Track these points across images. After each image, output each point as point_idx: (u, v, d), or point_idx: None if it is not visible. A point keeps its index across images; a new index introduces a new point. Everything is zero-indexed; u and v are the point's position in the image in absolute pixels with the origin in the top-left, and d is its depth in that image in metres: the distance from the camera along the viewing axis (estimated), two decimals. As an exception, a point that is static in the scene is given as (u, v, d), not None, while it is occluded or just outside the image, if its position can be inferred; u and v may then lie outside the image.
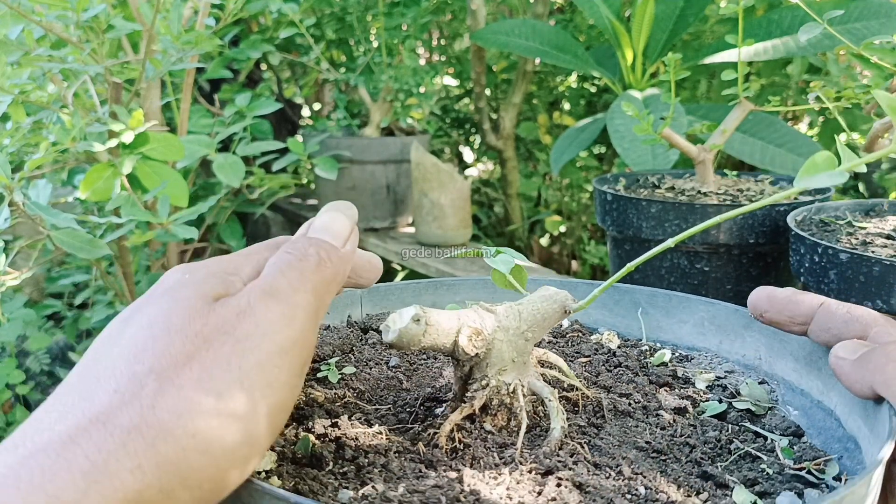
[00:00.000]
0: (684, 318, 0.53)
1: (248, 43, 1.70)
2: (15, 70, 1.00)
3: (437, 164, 1.42)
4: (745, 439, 0.40)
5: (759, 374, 0.48)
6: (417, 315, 0.38)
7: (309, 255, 0.36)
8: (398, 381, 0.49)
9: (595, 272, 1.83)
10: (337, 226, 0.39)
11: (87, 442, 0.28)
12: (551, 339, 0.56)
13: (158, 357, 0.30)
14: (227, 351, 0.31)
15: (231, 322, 0.32)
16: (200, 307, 0.32)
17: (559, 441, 0.39)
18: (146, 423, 0.29)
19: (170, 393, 0.29)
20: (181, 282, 0.34)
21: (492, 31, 1.49)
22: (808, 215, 0.82)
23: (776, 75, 1.47)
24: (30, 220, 0.86)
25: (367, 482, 0.36)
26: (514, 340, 0.41)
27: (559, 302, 0.41)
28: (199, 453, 0.29)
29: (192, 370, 0.30)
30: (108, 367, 0.31)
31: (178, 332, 0.31)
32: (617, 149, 1.10)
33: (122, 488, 0.28)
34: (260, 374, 0.31)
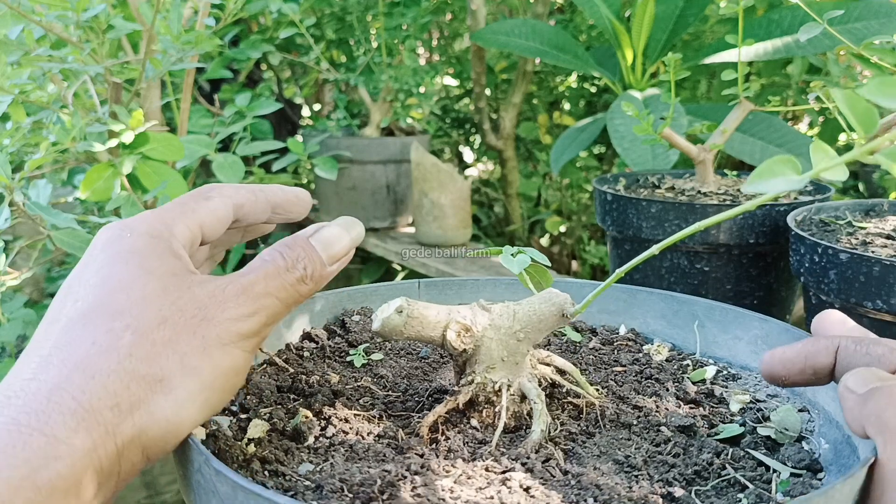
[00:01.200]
0: (739, 334, 0.52)
1: (248, 43, 1.70)
2: (15, 70, 1.00)
3: (437, 164, 1.42)
4: (743, 467, 0.38)
5: (802, 400, 0.46)
6: (401, 307, 0.40)
7: (296, 269, 0.40)
8: (422, 372, 0.50)
9: (595, 272, 1.83)
10: (337, 247, 0.42)
11: (71, 386, 0.33)
12: (598, 345, 0.55)
13: (135, 317, 0.35)
14: (195, 323, 0.36)
15: (203, 302, 0.37)
16: (177, 282, 0.37)
17: (536, 444, 0.39)
18: (123, 368, 0.34)
19: (144, 346, 0.35)
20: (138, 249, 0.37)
21: (492, 31, 1.49)
22: (808, 215, 0.82)
23: (776, 75, 1.47)
24: (30, 220, 0.86)
25: (329, 459, 0.38)
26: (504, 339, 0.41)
27: (557, 305, 0.41)
28: (164, 396, 0.35)
29: (165, 331, 0.35)
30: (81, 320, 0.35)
31: (154, 298, 0.36)
32: (617, 149, 1.10)
33: (104, 424, 0.33)
34: (220, 348, 0.36)
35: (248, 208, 0.44)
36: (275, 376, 0.48)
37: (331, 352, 0.53)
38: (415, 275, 1.60)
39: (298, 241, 0.41)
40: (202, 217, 0.41)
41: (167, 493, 1.30)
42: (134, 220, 0.39)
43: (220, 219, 0.42)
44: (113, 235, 0.38)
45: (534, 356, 0.44)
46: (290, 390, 0.47)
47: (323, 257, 0.41)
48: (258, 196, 0.44)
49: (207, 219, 0.42)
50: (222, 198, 0.43)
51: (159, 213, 0.40)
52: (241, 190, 0.44)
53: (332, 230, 0.42)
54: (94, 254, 0.38)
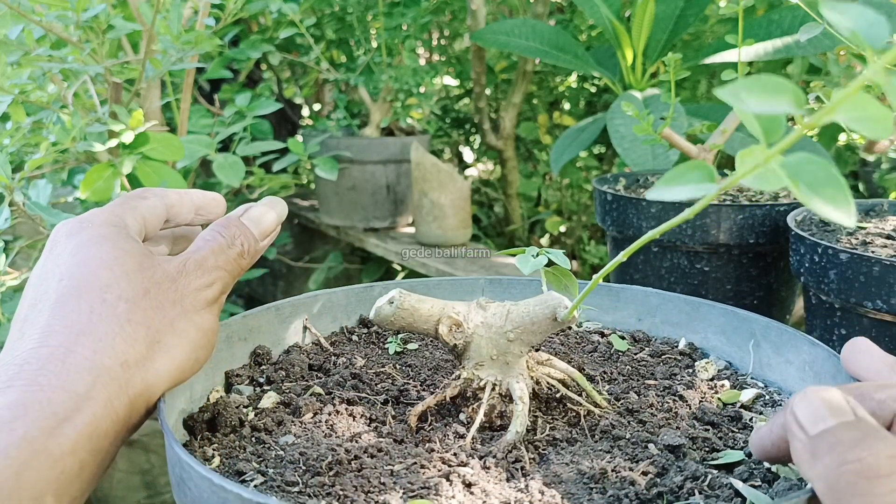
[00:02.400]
0: (791, 358, 0.50)
1: (248, 43, 1.70)
2: (15, 70, 1.00)
3: (437, 164, 1.42)
4: (715, 495, 0.36)
5: None
6: (393, 298, 0.42)
7: (235, 245, 0.45)
8: (451, 365, 0.52)
9: (595, 272, 1.83)
10: (266, 223, 0.48)
11: (82, 348, 0.38)
12: (645, 357, 0.54)
13: (124, 289, 0.40)
14: (172, 294, 0.42)
15: (173, 275, 0.42)
16: (149, 260, 0.42)
17: (510, 444, 0.40)
18: (125, 331, 0.39)
19: (137, 312, 0.40)
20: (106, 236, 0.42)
21: (492, 31, 1.49)
22: (808, 215, 0.82)
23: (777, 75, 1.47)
24: (30, 220, 0.86)
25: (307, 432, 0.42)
26: (494, 338, 0.41)
27: (551, 307, 0.41)
28: (162, 353, 0.40)
29: (150, 300, 0.41)
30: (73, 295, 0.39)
31: (134, 273, 0.41)
32: (617, 149, 1.10)
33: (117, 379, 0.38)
34: (194, 312, 0.43)
35: (177, 208, 0.49)
36: (313, 356, 0.52)
37: (376, 337, 0.57)
38: (415, 275, 1.60)
39: (231, 220, 0.46)
40: (144, 212, 0.46)
41: (167, 493, 1.30)
42: (87, 215, 0.44)
43: (157, 215, 0.48)
44: (73, 228, 0.43)
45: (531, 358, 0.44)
46: (319, 369, 0.51)
47: (255, 233, 0.46)
48: (183, 197, 0.50)
49: (148, 214, 0.47)
50: (156, 197, 0.48)
51: (109, 209, 0.45)
52: (169, 192, 0.50)
53: (258, 209, 0.48)
54: (60, 243, 0.42)
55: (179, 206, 0.50)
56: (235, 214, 0.47)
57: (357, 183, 1.60)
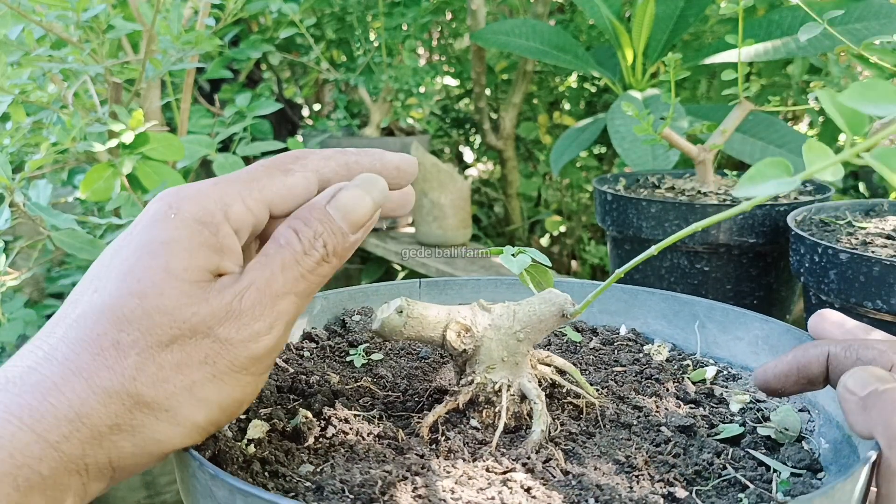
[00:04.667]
0: (740, 335, 0.52)
1: (248, 43, 1.70)
2: (15, 70, 1.00)
3: (437, 164, 1.42)
4: (743, 466, 0.38)
5: (803, 400, 0.46)
6: (401, 307, 0.39)
7: (315, 251, 0.35)
8: (422, 373, 0.50)
9: (595, 272, 1.83)
10: (360, 212, 0.36)
11: (70, 392, 0.31)
12: (598, 345, 0.55)
13: (144, 334, 0.32)
14: (206, 346, 0.33)
15: (218, 319, 0.33)
16: (194, 293, 0.33)
17: (537, 444, 0.39)
18: (126, 391, 0.32)
19: (150, 370, 0.32)
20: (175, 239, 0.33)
21: (492, 31, 1.49)
22: (808, 215, 0.82)
23: (777, 76, 1.47)
24: (30, 220, 0.86)
25: (329, 460, 0.38)
26: (504, 340, 0.41)
27: (557, 305, 0.41)
28: (170, 425, 0.33)
29: (173, 354, 0.32)
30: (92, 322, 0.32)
31: (167, 314, 0.32)
32: (617, 149, 1.10)
33: (99, 437, 0.31)
34: (231, 376, 0.34)
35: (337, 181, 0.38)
36: (274, 376, 0.48)
37: (331, 352, 0.53)
38: (415, 275, 1.60)
39: (314, 211, 0.36)
40: (272, 194, 0.36)
41: (167, 493, 1.30)
42: (189, 191, 0.35)
43: (297, 196, 0.37)
44: (159, 212, 0.34)
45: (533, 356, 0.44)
46: (290, 390, 0.47)
47: (343, 227, 0.36)
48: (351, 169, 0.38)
49: (279, 196, 0.36)
50: (305, 172, 0.37)
51: (221, 188, 0.35)
52: (331, 162, 0.38)
53: (350, 193, 0.36)
54: (135, 231, 0.34)
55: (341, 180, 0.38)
56: (321, 201, 0.36)
57: (357, 183, 1.60)
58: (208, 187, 0.35)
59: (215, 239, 0.34)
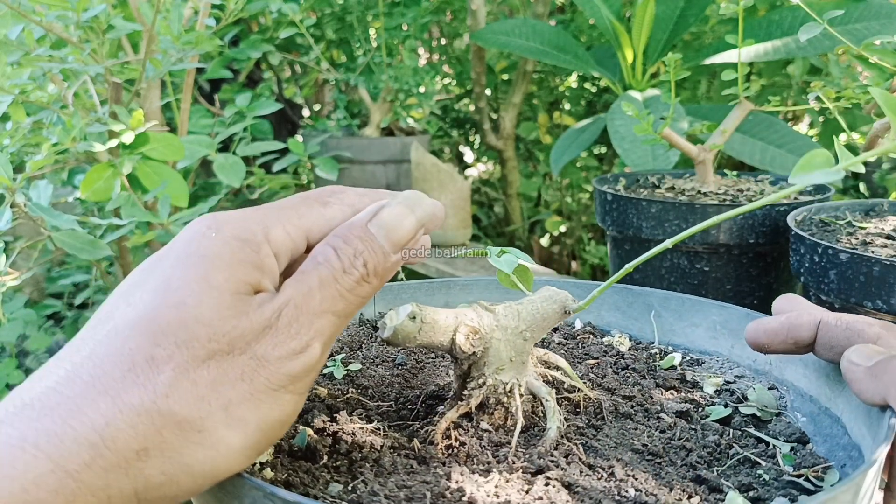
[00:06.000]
0: (697, 321, 0.53)
1: (248, 43, 1.70)
2: (15, 70, 1.00)
3: (437, 164, 1.42)
4: (745, 444, 0.40)
5: (769, 379, 0.48)
6: (413, 312, 0.38)
7: (354, 269, 0.34)
8: (403, 380, 0.49)
9: (595, 272, 1.83)
10: (401, 231, 0.36)
11: (95, 413, 0.29)
12: (562, 340, 0.55)
13: (180, 347, 0.30)
14: (243, 362, 0.31)
15: (256, 334, 0.32)
16: (234, 305, 0.32)
17: (555, 441, 0.39)
18: (157, 409, 0.29)
19: (184, 387, 0.30)
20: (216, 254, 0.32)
21: (492, 31, 1.49)
22: (808, 215, 0.82)
23: (777, 76, 1.47)
24: (31, 220, 0.86)
25: (357, 476, 0.36)
26: (512, 340, 0.41)
27: (559, 302, 0.41)
28: (203, 448, 0.30)
29: (210, 371, 0.31)
30: (124, 337, 0.30)
31: (205, 326, 0.31)
32: (617, 149, 1.10)
33: (125, 465, 0.29)
34: (269, 395, 0.32)
35: None
36: None
37: None
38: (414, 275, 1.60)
39: (355, 230, 0.35)
40: (310, 223, 0.36)
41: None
42: (229, 215, 0.34)
43: (333, 226, 0.36)
44: (198, 231, 0.33)
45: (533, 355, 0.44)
46: None
47: (385, 246, 0.35)
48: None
49: (317, 226, 0.36)
50: (342, 206, 0.37)
51: (261, 213, 0.35)
52: (365, 198, 0.38)
53: (393, 211, 0.36)
54: (172, 248, 0.33)
55: None
56: (361, 219, 0.36)
57: (357, 183, 1.60)
58: (248, 212, 0.35)
59: (256, 256, 0.33)
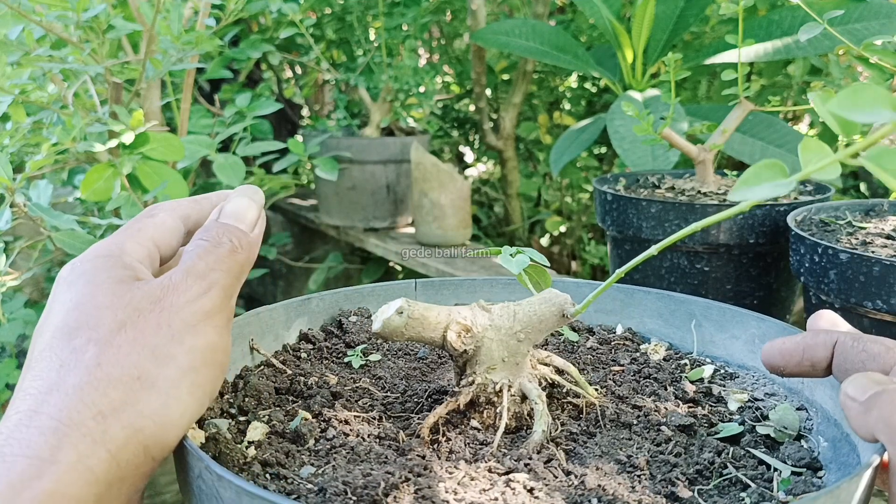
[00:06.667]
0: (736, 333, 0.52)
1: (248, 43, 1.70)
2: (15, 70, 1.00)
3: (437, 164, 1.42)
4: (743, 465, 0.39)
5: (800, 398, 0.46)
6: (401, 308, 0.39)
7: (223, 243, 0.40)
8: (420, 373, 0.50)
9: (595, 272, 1.83)
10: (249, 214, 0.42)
11: (48, 407, 0.33)
12: (595, 345, 0.55)
13: (93, 329, 0.35)
14: (155, 317, 0.36)
15: (157, 295, 0.37)
16: (124, 287, 0.37)
17: (538, 444, 0.39)
18: (94, 377, 0.34)
19: (109, 352, 0.35)
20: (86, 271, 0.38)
21: (492, 31, 1.49)
22: (808, 215, 0.82)
23: (777, 76, 1.47)
24: (31, 221, 0.86)
25: (330, 461, 0.38)
26: (505, 340, 0.41)
27: (557, 305, 0.41)
28: (148, 392, 0.34)
29: (127, 333, 0.35)
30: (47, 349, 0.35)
31: (107, 307, 0.36)
32: (617, 150, 1.10)
33: (90, 434, 0.33)
34: (188, 331, 0.36)
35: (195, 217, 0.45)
36: (273, 378, 0.48)
37: (328, 353, 0.53)
38: (415, 275, 1.60)
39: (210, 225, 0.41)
40: (151, 232, 0.42)
41: (167, 493, 1.30)
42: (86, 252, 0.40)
43: (170, 229, 0.43)
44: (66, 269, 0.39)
45: (533, 356, 0.44)
46: (289, 392, 0.47)
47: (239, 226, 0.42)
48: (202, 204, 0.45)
49: (157, 232, 0.42)
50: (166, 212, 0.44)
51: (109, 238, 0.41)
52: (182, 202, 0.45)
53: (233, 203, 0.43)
54: (55, 292, 0.39)
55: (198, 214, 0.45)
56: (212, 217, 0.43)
57: (357, 183, 1.60)
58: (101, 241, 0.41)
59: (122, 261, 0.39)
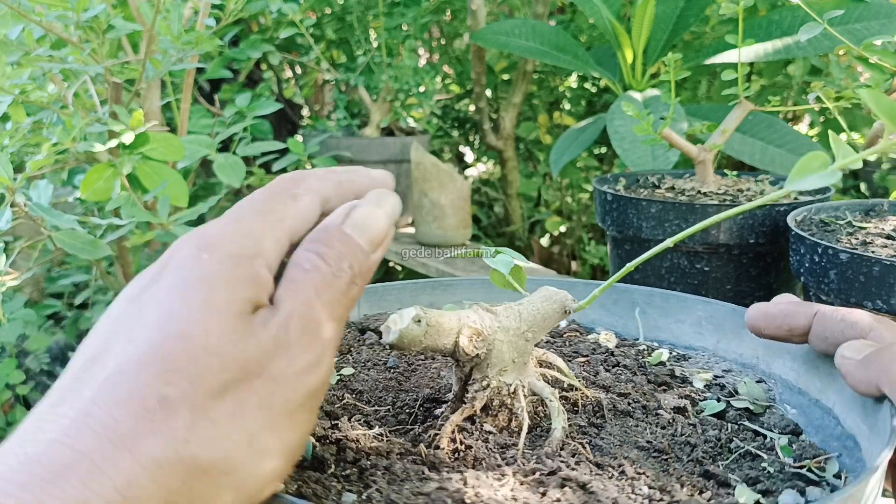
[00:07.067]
0: (682, 317, 0.54)
1: (248, 43, 1.70)
2: (15, 70, 1.00)
3: (437, 164, 1.42)
4: (744, 438, 0.40)
5: (756, 372, 0.48)
6: (418, 316, 0.38)
7: (342, 271, 0.32)
8: (397, 383, 0.49)
9: (595, 272, 1.83)
10: (375, 229, 0.34)
11: (114, 471, 0.26)
12: (549, 338, 0.56)
13: (193, 382, 0.28)
14: (259, 387, 0.29)
15: (268, 353, 0.30)
16: (240, 327, 0.30)
17: (560, 441, 0.39)
18: (179, 458, 0.27)
19: (203, 426, 0.28)
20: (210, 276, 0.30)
21: (492, 31, 1.49)
22: (808, 215, 0.82)
23: (777, 76, 1.47)
24: (31, 220, 0.86)
25: (370, 485, 0.35)
26: (514, 341, 0.41)
27: (559, 302, 0.41)
28: (231, 490, 0.29)
29: (226, 403, 0.29)
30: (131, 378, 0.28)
31: (216, 355, 0.29)
32: (617, 150, 1.10)
33: None
34: (288, 417, 0.30)
35: (332, 203, 0.36)
36: None
37: None
38: (414, 275, 1.60)
39: (332, 233, 0.33)
40: (291, 225, 0.34)
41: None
42: (216, 232, 0.32)
43: (308, 221, 0.35)
44: (189, 254, 0.31)
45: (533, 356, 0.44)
46: None
47: (363, 245, 0.34)
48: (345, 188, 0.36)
49: (296, 225, 0.34)
50: (311, 194, 0.35)
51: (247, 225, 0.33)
52: (327, 182, 0.36)
53: (364, 210, 0.34)
54: (163, 276, 0.31)
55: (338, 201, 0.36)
56: (335, 221, 0.34)
57: (357, 183, 1.60)
58: (232, 225, 0.32)
59: (252, 271, 0.31)
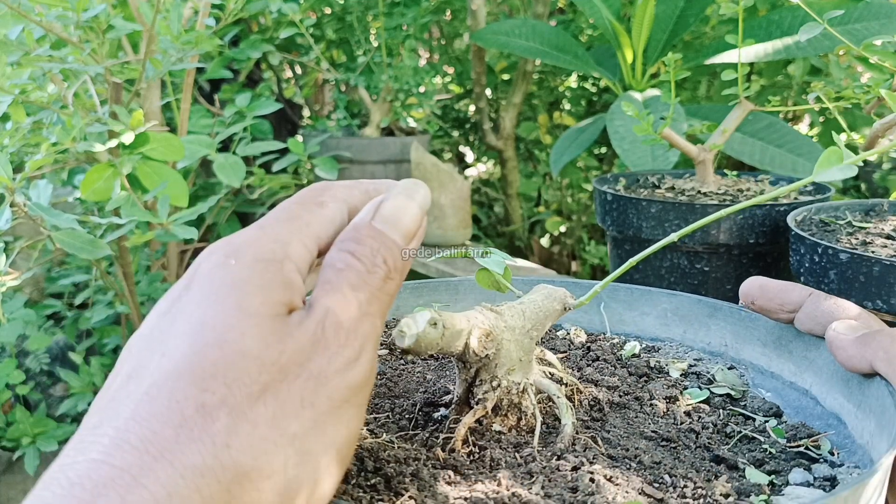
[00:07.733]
0: (647, 310, 0.55)
1: (248, 43, 1.70)
2: (15, 70, 1.00)
3: (437, 164, 1.42)
4: (737, 422, 0.41)
5: (726, 360, 0.49)
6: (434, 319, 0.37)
7: (377, 266, 0.32)
8: (387, 389, 0.48)
9: (595, 272, 1.83)
10: (407, 220, 0.34)
11: (153, 482, 0.25)
12: None
13: (231, 387, 0.27)
14: (300, 386, 0.29)
15: (306, 352, 0.29)
16: (276, 328, 0.29)
17: (571, 437, 0.39)
18: (221, 464, 0.26)
19: (244, 430, 0.27)
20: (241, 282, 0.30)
21: (492, 31, 1.49)
22: (808, 215, 0.82)
23: (777, 76, 1.47)
24: (31, 220, 0.86)
25: (401, 493, 0.35)
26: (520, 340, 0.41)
27: (559, 299, 0.42)
28: (275, 494, 0.28)
29: (267, 405, 0.28)
30: (168, 390, 0.27)
31: (253, 358, 0.28)
32: (617, 150, 1.10)
33: None
34: (333, 414, 0.29)
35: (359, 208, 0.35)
36: None
37: None
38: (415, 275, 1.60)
39: (363, 230, 0.33)
40: (317, 230, 0.33)
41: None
42: (243, 239, 0.32)
43: (337, 228, 0.34)
44: (216, 262, 0.31)
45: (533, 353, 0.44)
46: None
47: (396, 239, 0.33)
48: (371, 197, 0.36)
49: (323, 230, 0.33)
50: (337, 202, 0.35)
51: (274, 231, 0.32)
52: (354, 190, 0.36)
53: (394, 203, 0.34)
54: (192, 287, 0.30)
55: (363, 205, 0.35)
56: (365, 218, 0.33)
57: (357, 183, 1.60)
58: (259, 231, 0.32)
59: (282, 275, 0.31)
